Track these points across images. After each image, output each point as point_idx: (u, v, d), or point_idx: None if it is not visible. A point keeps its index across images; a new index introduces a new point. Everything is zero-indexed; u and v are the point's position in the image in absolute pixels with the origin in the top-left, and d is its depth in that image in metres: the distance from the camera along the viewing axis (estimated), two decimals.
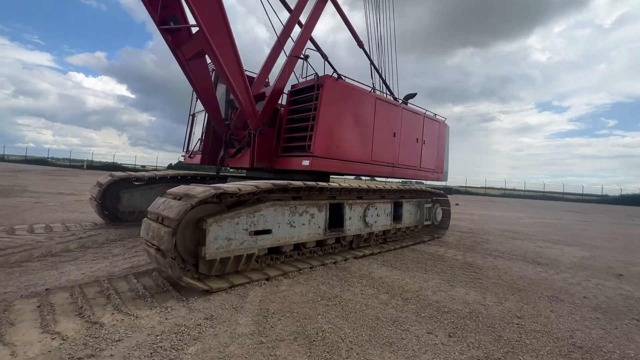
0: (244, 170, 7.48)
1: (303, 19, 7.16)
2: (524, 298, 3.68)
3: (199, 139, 6.87)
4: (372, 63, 8.12)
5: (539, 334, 2.78)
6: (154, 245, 3.18)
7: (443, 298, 3.51)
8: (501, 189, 49.71)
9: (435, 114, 7.88)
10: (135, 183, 6.74)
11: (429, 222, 7.51)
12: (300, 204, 4.44)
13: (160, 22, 4.78)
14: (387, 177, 7.00)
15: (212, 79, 6.19)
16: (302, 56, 5.85)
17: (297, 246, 4.55)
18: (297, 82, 6.15)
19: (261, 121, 5.77)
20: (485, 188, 50.13)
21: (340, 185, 4.94)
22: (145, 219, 3.56)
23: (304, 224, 4.47)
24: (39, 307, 2.70)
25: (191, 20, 4.80)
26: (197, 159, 6.84)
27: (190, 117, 7.38)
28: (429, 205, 7.44)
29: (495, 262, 5.37)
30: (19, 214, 7.11)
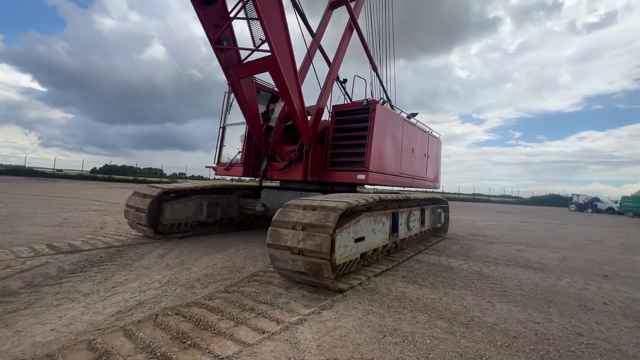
0: (276, 182, 7.99)
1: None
2: (562, 311, 3.66)
3: (239, 151, 7.16)
4: (381, 84, 8.73)
5: (617, 353, 2.69)
6: (306, 252, 3.51)
7: (497, 319, 3.29)
8: (440, 192, 54.22)
9: (432, 131, 8.77)
10: (172, 195, 6.57)
11: (439, 225, 8.48)
12: (378, 214, 5.00)
13: (216, 42, 5.14)
14: (407, 187, 7.94)
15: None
16: (341, 80, 7.19)
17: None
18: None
19: (314, 137, 6.25)
20: (425, 192, 54.18)
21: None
22: (280, 225, 3.81)
23: (379, 231, 5.05)
24: None
25: (241, 42, 5.49)
26: (236, 171, 7.13)
27: (221, 129, 7.63)
28: (439, 210, 8.41)
29: (499, 270, 5.45)
30: None
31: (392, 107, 7.38)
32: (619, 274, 5.66)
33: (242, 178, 8.11)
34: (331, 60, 7.86)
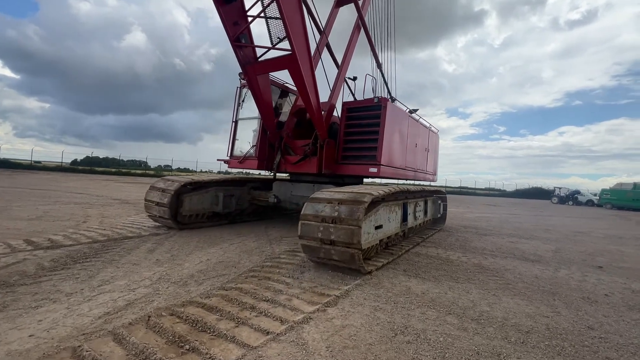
0: (284, 174, 8.22)
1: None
2: (567, 303, 3.62)
3: (253, 145, 7.31)
4: (385, 82, 8.77)
5: (631, 347, 2.64)
6: (338, 243, 3.86)
7: (506, 314, 3.21)
8: (429, 185, 54.92)
9: (432, 126, 9.13)
10: (188, 187, 6.66)
11: (439, 215, 9.00)
12: (393, 204, 5.35)
13: (235, 39, 5.29)
14: (411, 180, 8.28)
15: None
16: (352, 78, 7.57)
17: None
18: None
19: (327, 133, 6.49)
20: (414, 185, 54.76)
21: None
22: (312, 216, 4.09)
23: (393, 219, 5.40)
24: None
25: (257, 40, 5.64)
26: (251, 164, 7.27)
27: (233, 123, 7.78)
28: (440, 201, 8.99)
29: (499, 262, 5.42)
30: None
31: (393, 101, 7.48)
32: (612, 265, 5.73)
33: (230, 170, 8.46)
34: (338, 59, 8.13)
